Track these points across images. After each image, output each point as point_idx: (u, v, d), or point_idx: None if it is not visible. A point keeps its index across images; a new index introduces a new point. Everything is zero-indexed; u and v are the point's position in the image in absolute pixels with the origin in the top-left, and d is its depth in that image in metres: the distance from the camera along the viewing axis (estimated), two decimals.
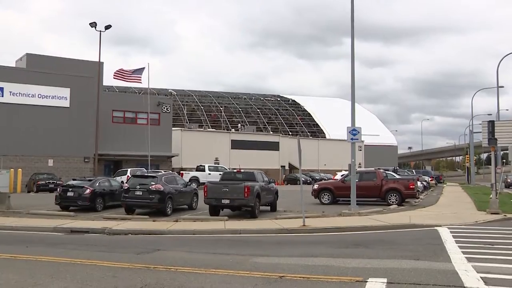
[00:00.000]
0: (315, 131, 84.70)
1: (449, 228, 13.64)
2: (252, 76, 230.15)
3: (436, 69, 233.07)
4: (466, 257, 8.88)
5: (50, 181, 33.98)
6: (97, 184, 20.14)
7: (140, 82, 35.70)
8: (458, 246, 10.31)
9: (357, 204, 18.54)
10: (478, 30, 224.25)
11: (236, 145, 56.31)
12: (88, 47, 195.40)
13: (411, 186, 22.34)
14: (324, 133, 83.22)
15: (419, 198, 25.32)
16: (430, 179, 42.91)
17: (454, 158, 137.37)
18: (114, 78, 35.55)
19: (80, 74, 39.32)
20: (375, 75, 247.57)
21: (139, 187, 17.98)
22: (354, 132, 18.56)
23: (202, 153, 50.42)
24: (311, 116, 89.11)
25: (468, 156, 61.45)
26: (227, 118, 78.66)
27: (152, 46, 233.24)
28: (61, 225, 14.50)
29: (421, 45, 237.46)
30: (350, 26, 19.04)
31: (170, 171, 32.76)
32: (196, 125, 61.99)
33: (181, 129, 53.80)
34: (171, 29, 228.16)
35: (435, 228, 13.71)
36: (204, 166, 40.15)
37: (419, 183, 28.01)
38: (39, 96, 37.80)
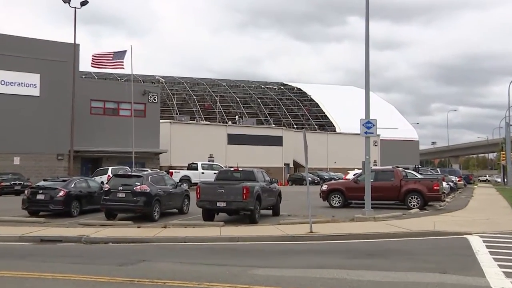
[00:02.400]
0: (324, 124, 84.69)
1: (481, 236, 13.54)
2: (245, 60, 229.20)
3: (456, 52, 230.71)
4: (503, 271, 8.77)
5: (16, 182, 33.71)
6: (72, 185, 20.08)
7: (123, 68, 35.58)
8: (493, 258, 10.20)
9: (372, 207, 18.52)
10: (501, 4, 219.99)
11: (234, 140, 56.31)
12: (53, 24, 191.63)
13: (435, 187, 22.34)
14: (334, 126, 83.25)
15: (444, 201, 25.32)
16: (457, 179, 42.88)
17: (486, 155, 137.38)
18: (92, 66, 35.39)
19: (52, 58, 39.00)
20: (386, 60, 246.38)
21: (121, 188, 17.97)
22: (368, 124, 18.48)
23: (195, 149, 50.38)
24: (319, 107, 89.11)
25: (503, 152, 61.14)
26: (223, 109, 78.66)
27: (127, 26, 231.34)
28: (29, 234, 14.40)
29: (435, 25, 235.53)
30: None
31: (158, 170, 32.71)
32: (187, 117, 61.99)
33: (171, 122, 53.75)
34: (147, 7, 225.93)
35: (465, 236, 13.63)
36: (196, 164, 40.20)
37: (444, 183, 27.99)
38: (3, 83, 37.58)
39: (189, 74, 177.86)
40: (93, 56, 34.82)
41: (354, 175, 28.86)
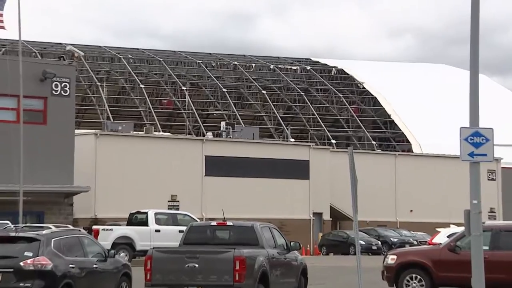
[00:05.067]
0: (389, 137, 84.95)
1: None
2: (224, 16, 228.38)
3: None
4: None
5: None
6: None
7: (3, 27, 35.66)
8: None
9: None
10: None
11: (216, 167, 56.57)
12: None
13: None
14: (408, 141, 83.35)
15: None
16: None
17: None
18: None
19: None
20: (499, 13, 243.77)
21: None
22: (476, 139, 18.32)
23: (142, 186, 50.56)
24: (379, 104, 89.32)
25: None
26: (196, 110, 78.72)
27: None
28: None
29: None
30: None
31: (70, 227, 32.54)
32: (129, 125, 62.26)
33: (97, 134, 54.07)
34: None
35: None
36: (146, 214, 40.20)
37: None
38: None
39: (128, 43, 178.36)
40: None
41: (449, 236, 28.78)
